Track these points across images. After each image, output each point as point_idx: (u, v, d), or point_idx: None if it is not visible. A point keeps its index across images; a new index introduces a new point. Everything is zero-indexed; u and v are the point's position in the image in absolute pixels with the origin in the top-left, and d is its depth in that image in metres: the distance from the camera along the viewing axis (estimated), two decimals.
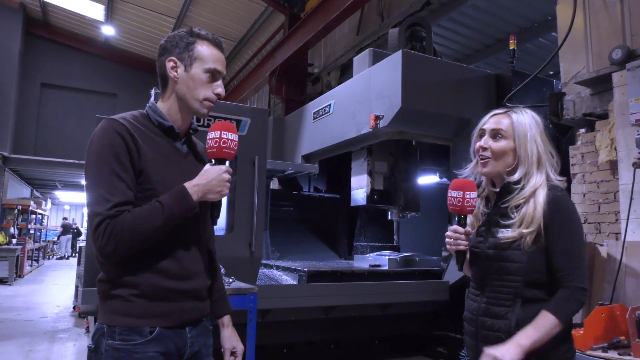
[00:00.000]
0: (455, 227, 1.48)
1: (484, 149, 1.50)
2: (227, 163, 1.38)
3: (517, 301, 1.40)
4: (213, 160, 1.36)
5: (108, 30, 12.07)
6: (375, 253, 4.39)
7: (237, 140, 1.36)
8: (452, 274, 3.75)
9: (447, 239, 1.50)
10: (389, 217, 4.37)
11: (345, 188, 4.96)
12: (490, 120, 1.53)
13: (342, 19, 6.13)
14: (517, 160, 1.47)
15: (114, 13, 11.21)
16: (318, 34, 6.48)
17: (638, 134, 2.69)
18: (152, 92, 2.82)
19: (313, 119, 4.89)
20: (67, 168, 11.22)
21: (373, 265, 4.00)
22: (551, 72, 5.57)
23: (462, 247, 1.48)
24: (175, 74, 1.40)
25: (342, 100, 4.37)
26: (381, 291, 3.56)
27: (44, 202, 15.55)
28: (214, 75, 1.41)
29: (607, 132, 3.07)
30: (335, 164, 5.10)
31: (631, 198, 2.71)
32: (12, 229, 11.14)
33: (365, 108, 3.90)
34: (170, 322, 1.31)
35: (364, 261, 4.24)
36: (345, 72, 7.51)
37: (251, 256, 3.18)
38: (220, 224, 3.20)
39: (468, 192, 1.45)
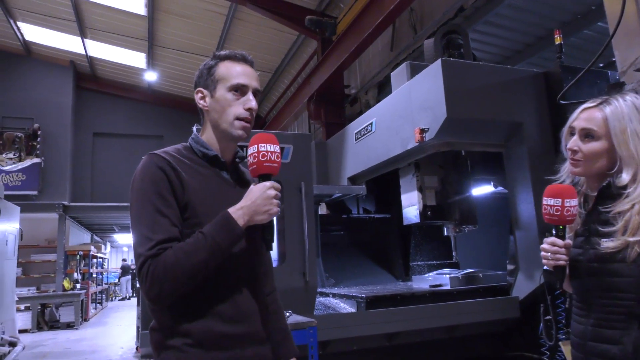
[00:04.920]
0: (552, 239, 1.31)
1: (574, 151, 1.31)
2: (272, 179, 1.27)
3: (632, 322, 1.20)
4: (257, 180, 1.26)
5: (150, 76, 12.62)
6: (435, 272, 4.18)
7: (278, 151, 1.25)
8: (521, 289, 3.49)
9: (543, 253, 1.32)
10: (445, 233, 4.16)
11: (395, 207, 4.80)
12: (581, 117, 1.33)
13: (374, 37, 6.08)
14: (619, 160, 1.26)
15: (155, 59, 11.71)
16: (351, 55, 6.45)
17: None
18: (194, 128, 2.83)
19: (355, 140, 4.79)
20: (122, 211, 11.64)
21: (434, 286, 3.80)
22: (601, 65, 5.25)
23: (562, 263, 1.30)
24: (204, 103, 1.33)
25: (383, 117, 4.26)
26: (446, 313, 3.35)
27: (103, 246, 16.18)
28: (240, 90, 1.31)
29: None
30: (382, 183, 4.96)
31: None
32: (75, 274, 11.61)
33: (409, 122, 3.77)
34: None
35: (423, 282, 4.03)
36: (382, 89, 7.42)
37: (306, 286, 3.08)
38: (272, 256, 3.13)
39: (568, 200, 1.27)
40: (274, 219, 1.26)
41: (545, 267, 2.74)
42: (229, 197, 1.29)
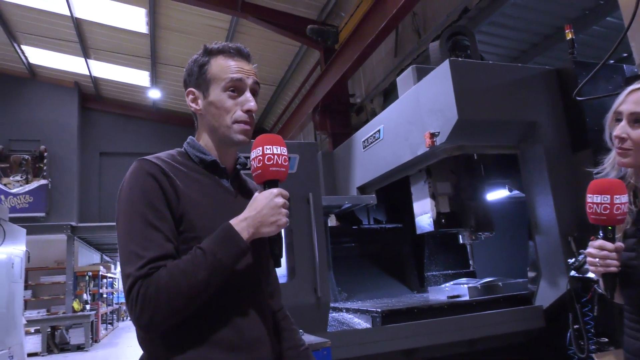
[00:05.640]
0: (600, 242, 1.14)
1: (622, 139, 1.16)
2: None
3: None
4: (263, 186, 1.11)
5: (154, 94, 12.62)
6: (452, 282, 4.00)
7: (286, 154, 1.11)
8: (545, 297, 3.31)
9: (589, 259, 1.15)
10: (461, 241, 3.99)
11: (407, 215, 4.64)
12: (628, 100, 1.17)
13: (377, 44, 5.98)
14: None
15: (158, 77, 11.71)
16: (355, 63, 6.35)
17: None
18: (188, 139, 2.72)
19: (363, 148, 4.66)
20: None
21: (451, 297, 3.62)
22: (612, 61, 5.10)
23: (612, 269, 1.13)
24: (196, 106, 1.19)
25: (391, 123, 4.13)
26: (466, 325, 3.18)
27: (113, 266, 16.09)
28: (236, 88, 1.17)
29: None
30: (393, 191, 4.81)
31: None
32: (85, 295, 11.49)
33: (418, 127, 3.64)
34: None
35: (440, 293, 3.86)
36: (388, 96, 7.30)
37: (318, 302, 2.93)
38: (281, 271, 2.99)
39: (617, 196, 1.11)
40: (283, 231, 1.11)
41: (572, 274, 2.53)
42: (230, 207, 1.14)
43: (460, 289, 3.63)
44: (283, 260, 2.98)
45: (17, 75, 12.27)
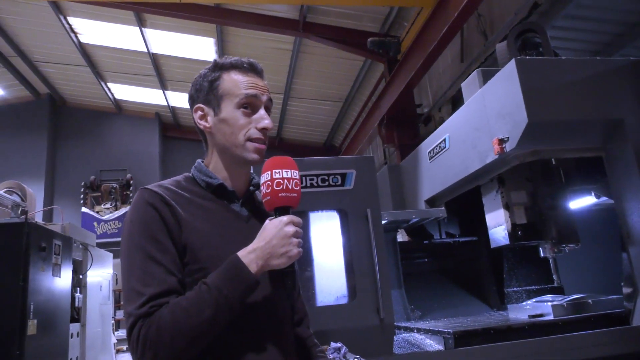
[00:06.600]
0: None
1: None
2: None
3: None
4: (274, 214, 1.04)
5: None
6: (534, 299, 3.65)
7: (297, 177, 1.02)
8: None
9: None
10: (542, 254, 3.64)
11: (482, 228, 4.35)
12: None
13: (441, 49, 5.76)
14: None
15: None
16: (419, 71, 6.16)
17: None
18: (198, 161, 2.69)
19: (429, 159, 4.46)
20: None
21: (533, 316, 3.29)
22: None
23: None
24: (205, 123, 1.14)
25: (457, 131, 3.91)
26: (550, 349, 2.85)
27: None
28: (250, 105, 1.12)
29: None
30: (465, 203, 4.54)
31: None
32: None
33: (485, 133, 3.40)
34: None
35: (520, 311, 3.53)
36: (456, 104, 7.01)
37: (381, 323, 2.77)
38: (342, 292, 2.87)
39: None
40: (296, 262, 1.02)
41: None
42: (240, 234, 1.07)
43: (544, 306, 3.29)
44: (343, 280, 2.88)
45: (105, 111, 13.40)
